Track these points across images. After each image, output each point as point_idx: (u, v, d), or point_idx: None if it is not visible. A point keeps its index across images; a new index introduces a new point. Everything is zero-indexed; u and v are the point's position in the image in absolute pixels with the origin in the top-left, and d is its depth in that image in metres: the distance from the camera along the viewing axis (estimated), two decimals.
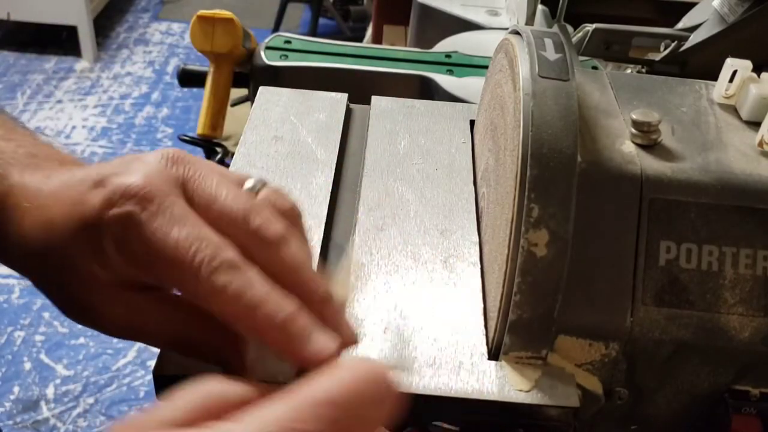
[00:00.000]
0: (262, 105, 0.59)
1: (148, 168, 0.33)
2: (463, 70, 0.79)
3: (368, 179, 0.51)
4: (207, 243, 0.32)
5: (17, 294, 1.99)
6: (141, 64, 3.06)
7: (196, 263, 0.31)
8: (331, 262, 0.46)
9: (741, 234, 0.40)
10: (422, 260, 0.45)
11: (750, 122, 0.45)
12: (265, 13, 3.14)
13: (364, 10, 2.90)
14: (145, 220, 0.32)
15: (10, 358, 1.83)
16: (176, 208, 0.32)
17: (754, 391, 0.40)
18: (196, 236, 0.32)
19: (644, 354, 0.40)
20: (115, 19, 3.32)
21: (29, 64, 2.98)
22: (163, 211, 0.32)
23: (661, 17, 0.79)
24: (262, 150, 0.54)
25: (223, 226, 0.33)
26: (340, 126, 0.57)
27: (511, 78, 0.43)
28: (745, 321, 0.39)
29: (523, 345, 0.39)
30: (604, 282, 0.39)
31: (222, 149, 0.89)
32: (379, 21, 1.23)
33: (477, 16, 0.96)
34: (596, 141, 0.41)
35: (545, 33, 0.44)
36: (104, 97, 2.84)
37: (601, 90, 0.46)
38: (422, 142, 0.56)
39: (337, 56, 0.80)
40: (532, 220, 0.38)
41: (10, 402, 1.74)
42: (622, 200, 0.40)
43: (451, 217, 0.49)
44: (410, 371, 0.39)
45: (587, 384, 0.39)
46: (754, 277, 0.39)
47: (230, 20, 0.79)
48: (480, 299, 0.43)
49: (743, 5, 0.62)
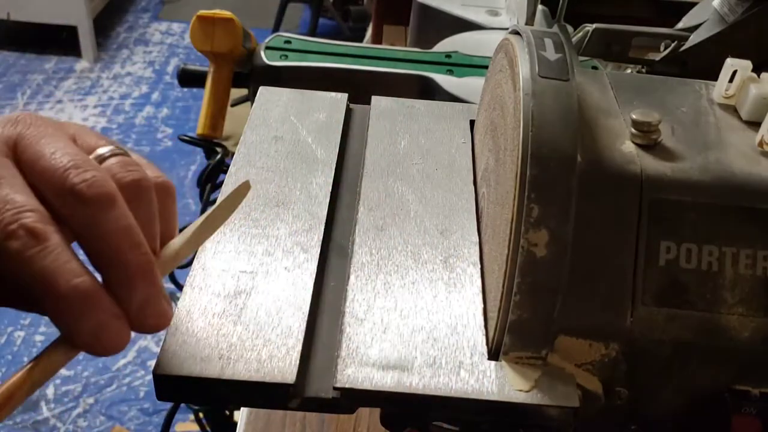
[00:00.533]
0: (262, 105, 0.59)
1: None
2: (463, 70, 0.79)
3: (368, 179, 0.51)
4: (11, 206, 0.30)
5: None
6: (141, 64, 3.06)
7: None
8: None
9: (741, 234, 0.40)
10: (422, 260, 0.45)
11: (750, 122, 0.45)
12: (265, 13, 3.14)
13: (364, 10, 2.90)
14: None
15: (10, 358, 1.83)
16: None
17: (754, 391, 0.40)
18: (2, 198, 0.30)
19: (644, 354, 0.40)
20: (115, 19, 3.32)
21: (29, 64, 2.98)
22: None
23: (661, 17, 0.79)
24: (262, 150, 0.54)
25: (42, 184, 0.32)
26: (340, 126, 0.57)
27: (511, 78, 0.43)
28: (745, 321, 0.39)
29: (523, 345, 0.39)
30: (604, 282, 0.39)
31: (222, 149, 0.89)
32: (379, 21, 1.23)
33: (477, 16, 0.96)
34: (596, 141, 0.41)
35: (545, 33, 0.44)
36: (104, 97, 2.84)
37: (601, 90, 0.46)
38: (422, 142, 0.56)
39: (337, 56, 0.80)
40: (532, 220, 0.38)
41: None
42: (622, 200, 0.40)
43: (451, 217, 0.49)
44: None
45: (587, 384, 0.39)
46: (754, 277, 0.39)
47: (230, 20, 0.79)
48: (480, 299, 0.43)
49: (743, 5, 0.62)
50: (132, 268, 0.32)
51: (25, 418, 1.72)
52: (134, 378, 1.82)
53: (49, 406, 1.75)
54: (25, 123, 0.33)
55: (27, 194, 0.31)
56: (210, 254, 0.44)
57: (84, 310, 0.30)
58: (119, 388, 1.79)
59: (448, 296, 0.43)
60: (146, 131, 2.70)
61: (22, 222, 0.30)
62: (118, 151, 0.34)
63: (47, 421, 1.72)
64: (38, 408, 1.74)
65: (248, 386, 0.37)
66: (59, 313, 0.30)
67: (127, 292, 0.31)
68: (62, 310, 0.30)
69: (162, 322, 0.33)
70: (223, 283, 0.42)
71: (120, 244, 0.31)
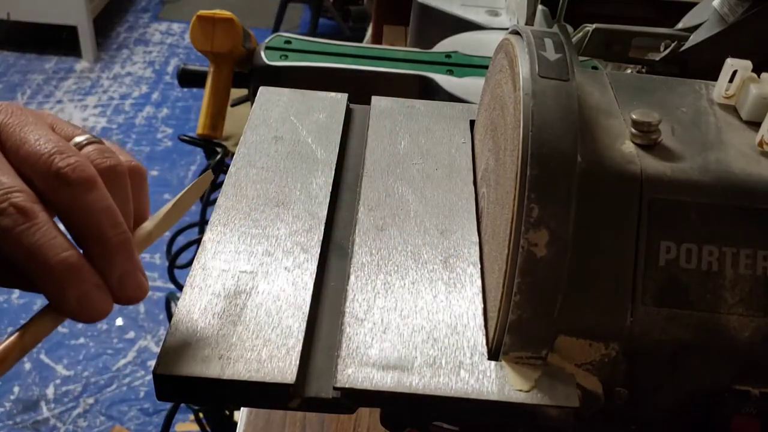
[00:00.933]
0: (262, 105, 0.59)
1: None
2: (463, 70, 0.79)
3: (368, 179, 0.51)
4: (0, 187, 0.32)
5: (17, 294, 1.99)
6: (141, 64, 3.06)
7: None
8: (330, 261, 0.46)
9: (741, 234, 0.40)
10: (422, 260, 0.45)
11: (750, 122, 0.45)
12: (265, 13, 3.14)
13: (364, 10, 2.90)
14: None
15: None
16: None
17: (754, 391, 0.40)
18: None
19: (644, 354, 0.40)
20: (115, 19, 3.32)
21: (29, 64, 2.98)
22: None
23: (661, 17, 0.79)
24: (262, 150, 0.54)
25: (27, 169, 0.34)
26: (340, 126, 0.57)
27: (511, 78, 0.43)
28: (745, 321, 0.39)
29: (523, 345, 0.39)
30: (604, 282, 0.39)
31: (222, 149, 0.89)
32: (379, 21, 1.23)
33: (477, 16, 0.96)
34: (596, 141, 0.41)
35: (545, 33, 0.44)
36: (104, 97, 2.84)
37: (601, 90, 0.46)
38: (422, 142, 0.56)
39: (337, 56, 0.80)
40: (532, 220, 0.38)
41: (10, 402, 1.74)
42: (622, 200, 0.40)
43: (451, 217, 0.49)
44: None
45: (587, 384, 0.39)
46: (754, 278, 0.39)
47: (230, 20, 0.79)
48: (480, 299, 0.43)
49: (743, 5, 0.62)
50: (112, 244, 0.34)
51: (25, 418, 1.72)
52: (134, 378, 1.82)
53: (49, 406, 1.75)
54: (7, 112, 0.35)
55: (14, 176, 0.33)
56: (210, 254, 0.44)
57: (70, 281, 0.33)
58: (119, 388, 1.79)
59: (448, 296, 0.43)
60: (146, 131, 2.70)
61: (12, 201, 0.32)
62: (94, 140, 0.37)
63: (47, 421, 1.72)
64: (38, 408, 1.74)
65: (248, 386, 0.37)
66: (47, 283, 0.33)
67: (108, 266, 0.34)
68: (50, 281, 0.33)
69: (139, 294, 0.36)
70: (223, 283, 0.42)
71: (101, 222, 0.34)
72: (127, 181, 0.37)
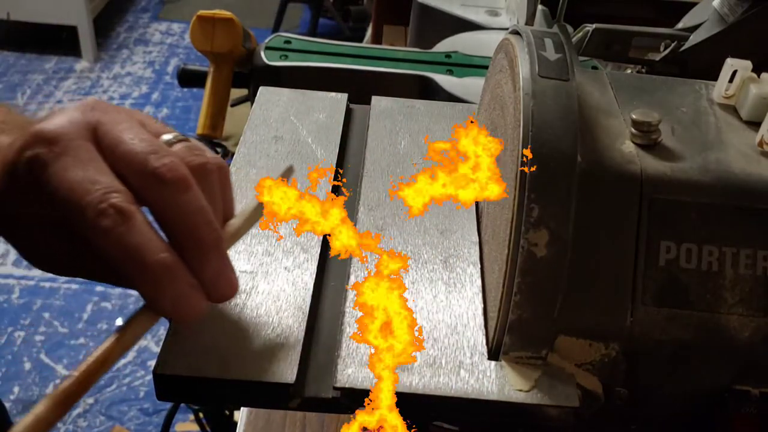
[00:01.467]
0: (262, 105, 0.59)
1: (65, 115, 0.35)
2: (463, 70, 0.79)
3: (368, 179, 0.51)
4: (99, 186, 0.33)
5: (17, 294, 1.99)
6: (141, 64, 3.06)
7: (83, 204, 0.32)
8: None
9: (741, 234, 0.40)
10: (422, 260, 0.45)
11: (750, 122, 0.45)
12: (265, 13, 3.14)
13: (364, 10, 2.90)
14: (50, 161, 0.33)
15: (10, 358, 1.83)
16: (81, 151, 0.34)
17: (754, 391, 0.40)
18: (90, 179, 0.33)
19: (644, 354, 0.40)
20: (115, 19, 3.32)
21: (29, 64, 2.98)
22: (66, 153, 0.33)
23: (661, 17, 0.79)
24: (262, 150, 0.54)
25: (123, 167, 0.34)
26: (340, 126, 0.57)
27: (511, 78, 0.43)
28: (745, 321, 0.39)
29: (523, 345, 0.39)
30: (604, 282, 0.39)
31: (222, 149, 0.89)
32: (379, 21, 1.23)
33: (477, 16, 0.96)
34: (596, 141, 0.41)
35: (545, 33, 0.44)
36: (104, 97, 2.84)
37: (601, 90, 0.46)
38: (422, 142, 0.56)
39: (337, 56, 0.80)
40: (532, 220, 0.38)
41: (10, 402, 1.74)
42: (622, 200, 0.40)
43: (451, 217, 0.49)
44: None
45: (587, 384, 0.39)
46: (754, 278, 0.39)
47: (230, 20, 0.79)
48: (480, 299, 0.43)
49: (743, 5, 0.62)
50: (206, 243, 0.35)
51: None
52: (134, 378, 1.82)
53: None
54: (101, 109, 0.36)
55: (111, 176, 0.34)
56: None
57: (167, 281, 0.33)
58: (119, 388, 1.79)
59: (448, 296, 0.43)
60: None
61: (111, 201, 0.32)
62: (182, 137, 0.37)
63: None
64: None
65: (248, 386, 0.37)
66: (144, 283, 0.33)
67: (201, 265, 0.34)
68: (147, 281, 0.33)
69: (231, 291, 0.36)
70: None
71: (196, 222, 0.34)
72: (216, 179, 0.37)
